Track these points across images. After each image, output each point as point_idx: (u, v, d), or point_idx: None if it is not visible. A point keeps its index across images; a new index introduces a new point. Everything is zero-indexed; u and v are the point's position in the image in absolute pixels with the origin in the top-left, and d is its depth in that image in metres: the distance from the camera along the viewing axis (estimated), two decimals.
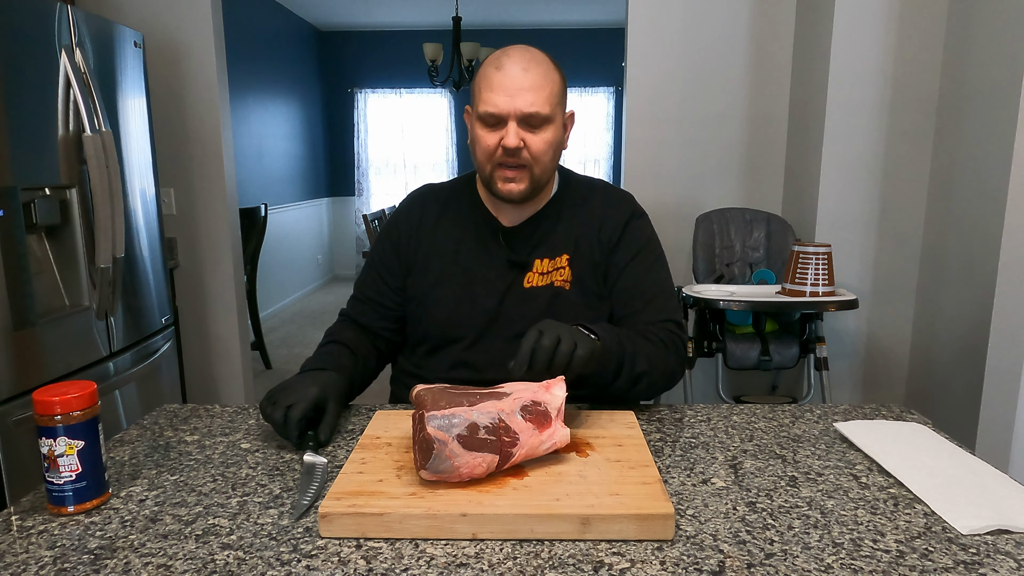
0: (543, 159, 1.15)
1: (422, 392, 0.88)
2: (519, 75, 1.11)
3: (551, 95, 1.13)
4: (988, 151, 2.18)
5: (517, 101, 1.10)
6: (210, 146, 2.88)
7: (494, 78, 1.12)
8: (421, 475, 0.81)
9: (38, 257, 1.92)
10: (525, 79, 1.10)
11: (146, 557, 0.73)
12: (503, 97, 1.10)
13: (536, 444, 0.85)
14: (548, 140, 1.14)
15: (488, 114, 1.12)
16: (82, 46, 2.01)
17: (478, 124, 1.15)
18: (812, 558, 0.72)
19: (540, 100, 1.11)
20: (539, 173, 1.16)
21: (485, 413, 0.83)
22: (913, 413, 1.14)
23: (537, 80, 1.11)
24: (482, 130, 1.15)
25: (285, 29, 6.13)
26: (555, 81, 1.14)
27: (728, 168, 2.93)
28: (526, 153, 1.13)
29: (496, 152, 1.14)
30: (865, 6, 2.48)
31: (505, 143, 1.11)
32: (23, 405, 1.76)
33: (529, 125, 1.12)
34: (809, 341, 2.47)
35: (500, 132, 1.13)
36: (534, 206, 1.25)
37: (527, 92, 1.10)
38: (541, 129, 1.13)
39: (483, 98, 1.13)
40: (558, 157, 1.20)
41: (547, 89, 1.12)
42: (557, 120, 1.15)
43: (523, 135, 1.12)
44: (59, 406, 0.80)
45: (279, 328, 5.27)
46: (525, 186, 1.16)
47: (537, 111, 1.11)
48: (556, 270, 1.22)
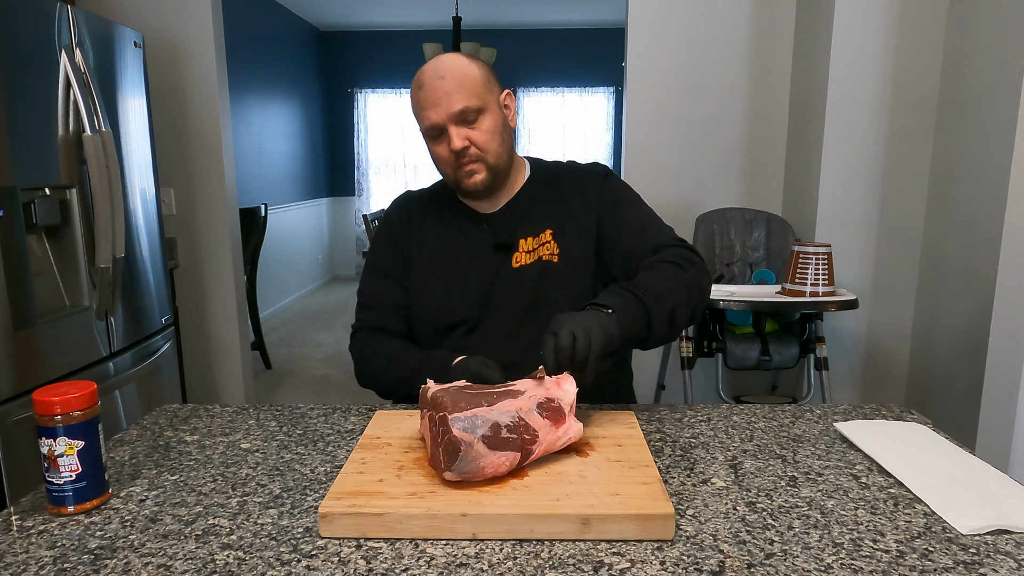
0: (491, 146, 1.20)
1: (438, 393, 0.88)
2: (437, 84, 1.17)
3: (474, 87, 1.18)
4: (988, 151, 2.18)
5: (443, 107, 1.16)
6: (210, 146, 2.88)
7: (419, 96, 1.19)
8: (445, 476, 0.81)
9: (38, 257, 1.92)
10: (443, 85, 1.16)
11: (146, 557, 0.73)
12: (431, 109, 1.17)
13: (553, 440, 0.88)
14: (489, 128, 1.20)
15: (428, 128, 1.19)
16: (82, 46, 2.01)
17: (428, 142, 1.23)
18: (812, 558, 0.72)
19: (464, 95, 1.16)
20: (494, 160, 1.21)
21: (505, 412, 0.85)
22: (913, 413, 1.14)
23: (455, 81, 1.17)
24: (433, 145, 1.22)
25: (285, 29, 6.13)
26: (474, 74, 1.19)
27: (728, 168, 2.93)
28: (473, 149, 1.19)
29: (450, 158, 1.20)
30: (865, 6, 2.48)
31: (452, 147, 1.18)
32: (23, 405, 1.75)
33: (466, 122, 1.18)
34: (809, 341, 2.47)
35: (445, 139, 1.19)
36: (508, 192, 1.30)
37: (449, 95, 1.16)
38: (478, 121, 1.19)
39: (419, 117, 1.20)
40: (508, 138, 1.25)
41: (467, 83, 1.17)
42: (491, 107, 1.20)
43: (465, 133, 1.18)
44: (59, 406, 0.80)
45: (279, 328, 5.27)
46: (485, 175, 1.21)
47: (465, 106, 1.16)
48: (541, 245, 1.26)
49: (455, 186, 1.25)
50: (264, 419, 1.14)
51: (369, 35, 7.09)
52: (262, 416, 1.15)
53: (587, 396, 1.20)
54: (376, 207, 7.32)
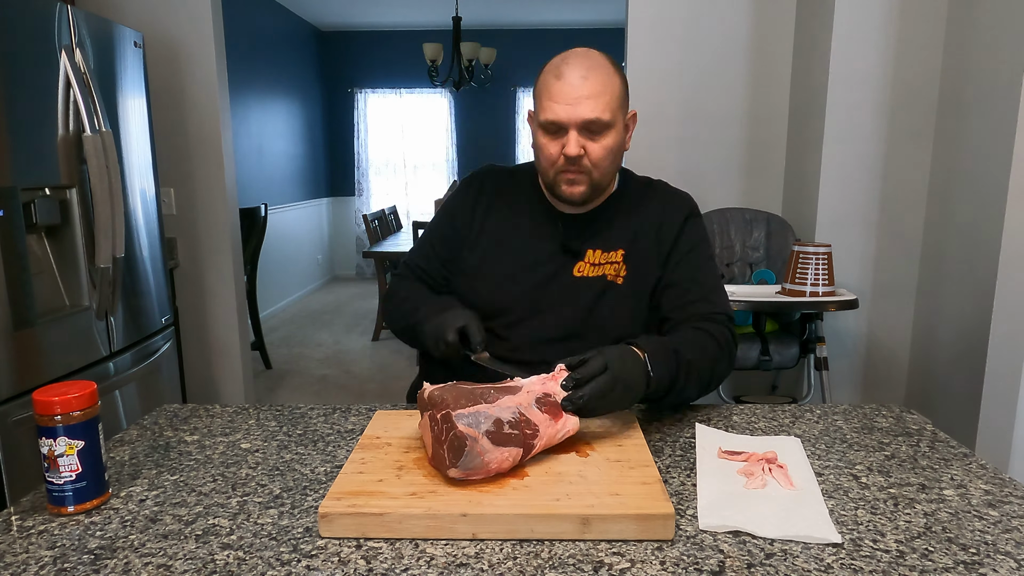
0: (603, 164, 1.16)
1: (437, 392, 0.89)
2: (578, 83, 1.10)
3: (611, 100, 1.12)
4: (988, 151, 2.18)
5: (577, 110, 1.10)
6: (210, 146, 2.88)
7: (554, 87, 1.12)
8: (450, 474, 0.82)
9: (38, 257, 1.92)
10: (584, 87, 1.10)
11: (146, 557, 0.73)
12: (563, 106, 1.11)
13: (553, 434, 0.89)
14: (608, 146, 1.15)
15: (549, 122, 1.13)
16: (82, 46, 2.00)
17: (540, 132, 1.16)
18: (812, 558, 0.72)
19: (600, 107, 1.11)
20: (599, 177, 1.17)
21: (506, 408, 0.86)
22: (913, 413, 1.14)
23: (596, 87, 1.11)
24: (544, 138, 1.16)
25: (285, 29, 6.12)
26: (616, 85, 1.14)
27: (728, 168, 2.93)
28: (587, 160, 1.14)
29: (558, 159, 1.15)
30: (865, 6, 2.48)
31: (566, 152, 1.12)
32: (23, 405, 1.75)
33: (590, 132, 1.13)
34: (809, 341, 2.47)
35: (561, 140, 1.14)
36: (594, 203, 1.26)
37: (587, 100, 1.10)
38: (602, 135, 1.13)
39: (543, 106, 1.13)
40: (619, 161, 1.22)
41: (607, 95, 1.12)
42: (618, 124, 1.15)
43: (584, 142, 1.13)
44: (59, 406, 0.80)
45: (279, 328, 5.27)
46: (585, 188, 1.17)
47: (598, 117, 1.11)
48: (609, 263, 1.23)
49: (549, 185, 1.21)
50: (264, 419, 1.14)
51: (369, 35, 7.09)
52: (262, 416, 1.15)
53: None
54: (376, 207, 7.32)
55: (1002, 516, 0.80)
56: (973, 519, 0.80)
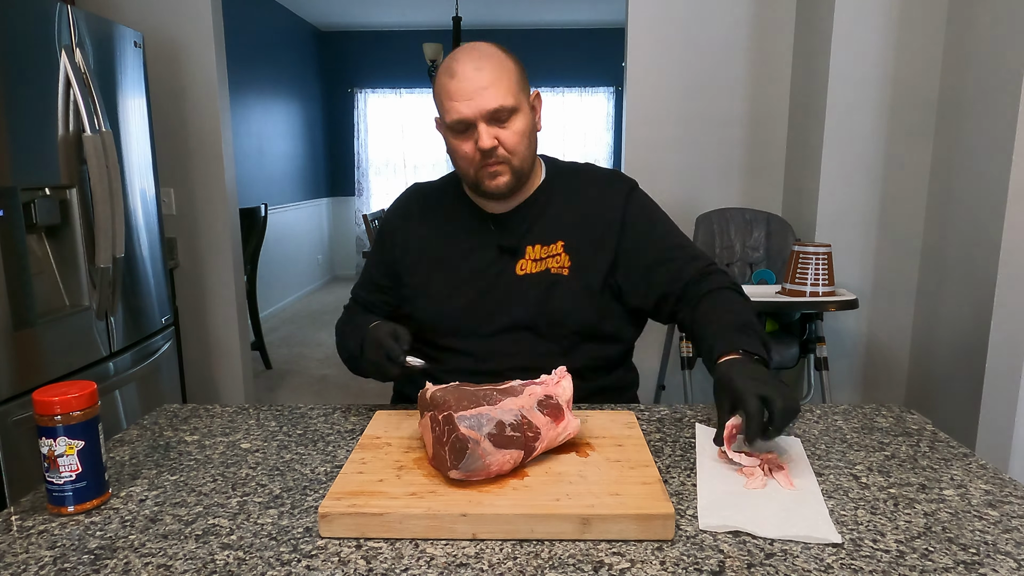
0: (519, 149, 1.14)
1: (439, 393, 0.89)
2: (473, 76, 1.09)
3: (510, 85, 1.11)
4: (988, 151, 2.18)
5: (478, 102, 1.09)
6: (210, 146, 2.88)
7: (451, 86, 1.11)
8: (451, 475, 0.81)
9: (38, 257, 1.92)
10: (480, 78, 1.09)
11: (146, 557, 0.73)
12: (464, 103, 1.09)
13: (554, 436, 0.89)
14: (520, 130, 1.14)
15: (456, 122, 1.11)
16: (82, 46, 2.00)
17: (450, 135, 1.15)
18: (812, 558, 0.72)
19: (501, 93, 1.10)
20: (519, 163, 1.15)
21: (508, 411, 0.85)
22: (913, 413, 1.14)
23: (492, 76, 1.10)
24: (455, 140, 1.14)
25: (285, 29, 6.12)
26: (511, 69, 1.13)
27: (728, 168, 2.93)
28: (502, 150, 1.13)
29: (475, 156, 1.13)
30: (865, 6, 2.48)
31: (480, 145, 1.11)
32: (23, 405, 1.75)
33: (497, 120, 1.11)
34: (809, 341, 2.47)
35: (472, 136, 1.12)
36: (522, 195, 1.24)
37: (485, 90, 1.09)
38: (510, 121, 1.12)
39: (446, 108, 1.12)
40: (535, 143, 1.20)
41: (504, 80, 1.11)
42: (523, 107, 1.14)
43: (495, 132, 1.11)
44: (59, 406, 0.80)
45: (279, 328, 5.27)
46: (509, 178, 1.15)
47: (501, 105, 1.10)
48: (551, 257, 1.21)
49: (474, 186, 1.19)
50: (264, 419, 1.14)
51: (369, 35, 7.09)
52: (262, 416, 1.15)
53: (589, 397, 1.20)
54: (376, 207, 7.32)
55: (1002, 516, 0.80)
56: (973, 519, 0.80)
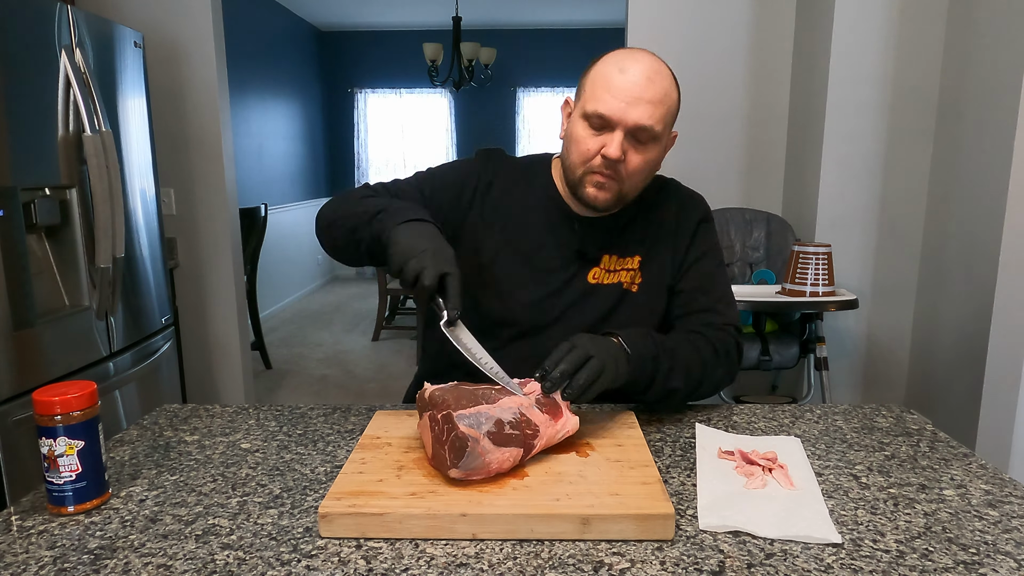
0: (637, 177, 1.09)
1: (438, 392, 0.89)
2: (642, 84, 1.03)
3: (667, 112, 1.06)
4: (988, 151, 2.18)
5: (632, 111, 1.02)
6: (210, 146, 2.88)
7: (615, 79, 1.03)
8: (450, 474, 0.81)
9: (38, 257, 1.92)
10: (647, 90, 1.03)
11: (146, 557, 0.73)
12: (619, 102, 1.02)
13: (553, 434, 0.89)
14: (649, 159, 1.08)
15: (598, 115, 1.04)
16: (82, 46, 2.00)
17: (581, 122, 1.07)
18: (812, 558, 0.72)
19: (656, 115, 1.04)
20: (628, 189, 1.10)
21: (507, 409, 0.86)
22: (913, 413, 1.14)
23: (659, 93, 1.04)
24: (584, 130, 1.07)
25: (285, 29, 6.12)
26: (674, 99, 1.08)
27: (728, 168, 2.93)
28: (623, 167, 1.06)
29: (594, 158, 1.06)
30: (865, 6, 2.48)
31: (606, 152, 1.04)
32: (23, 405, 1.75)
33: (636, 139, 1.05)
34: (809, 341, 2.47)
35: (603, 138, 1.05)
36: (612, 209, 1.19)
37: (646, 104, 1.03)
38: (646, 146, 1.06)
39: (597, 96, 1.04)
40: (651, 178, 1.15)
41: (665, 105, 1.05)
42: (663, 140, 1.09)
43: (626, 147, 1.05)
44: (59, 406, 0.80)
45: (279, 328, 5.27)
46: (611, 196, 1.09)
47: (651, 126, 1.04)
48: (625, 270, 1.17)
49: (573, 185, 1.12)
50: (264, 419, 1.14)
51: (369, 35, 7.09)
52: (262, 416, 1.15)
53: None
54: None
55: (1002, 516, 0.80)
56: (973, 519, 0.80)
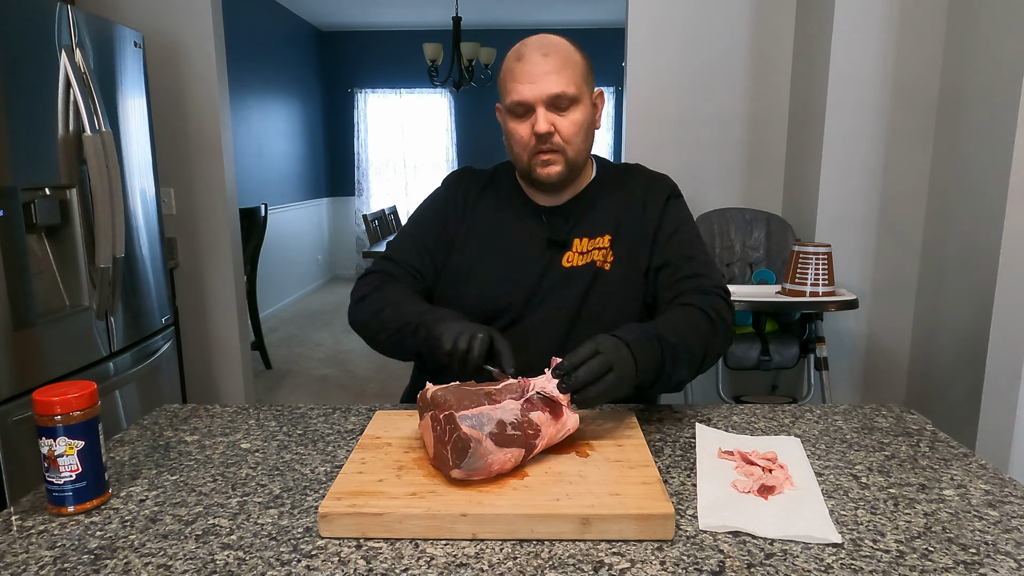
0: (575, 140, 1.16)
1: (440, 393, 0.89)
2: (539, 61, 1.12)
3: (574, 74, 1.14)
4: (988, 151, 2.18)
5: (541, 86, 1.11)
6: (210, 146, 2.88)
7: (516, 68, 1.13)
8: (452, 475, 0.82)
9: (38, 257, 1.92)
10: (546, 63, 1.12)
11: (146, 557, 0.73)
12: (527, 85, 1.12)
13: (554, 433, 0.89)
14: (578, 121, 1.15)
15: (516, 103, 1.14)
16: (82, 46, 2.00)
17: (509, 117, 1.17)
18: (812, 558, 0.72)
19: (563, 81, 1.12)
20: (573, 155, 1.17)
21: (509, 410, 0.86)
22: (913, 413, 1.14)
23: (558, 62, 1.12)
24: (513, 122, 1.16)
25: (285, 29, 6.12)
26: (578, 61, 1.15)
27: (728, 168, 2.93)
28: (557, 137, 1.14)
29: (530, 141, 1.15)
30: (865, 6, 2.48)
31: (536, 129, 1.13)
32: (23, 405, 1.75)
33: (557, 108, 1.13)
34: (809, 341, 2.47)
35: (530, 120, 1.14)
36: (573, 189, 1.25)
37: (550, 75, 1.11)
38: (569, 111, 1.14)
39: (509, 89, 1.15)
40: (591, 138, 1.21)
41: (569, 69, 1.13)
42: (585, 100, 1.16)
43: (552, 119, 1.13)
44: (59, 406, 0.80)
45: (279, 328, 5.27)
46: (561, 168, 1.17)
47: (563, 91, 1.12)
48: (597, 249, 1.22)
49: (525, 173, 1.20)
50: (264, 419, 1.14)
51: (369, 35, 7.09)
52: (262, 416, 1.15)
53: None
54: (376, 207, 7.32)
55: (1002, 516, 0.80)
56: (973, 519, 0.80)
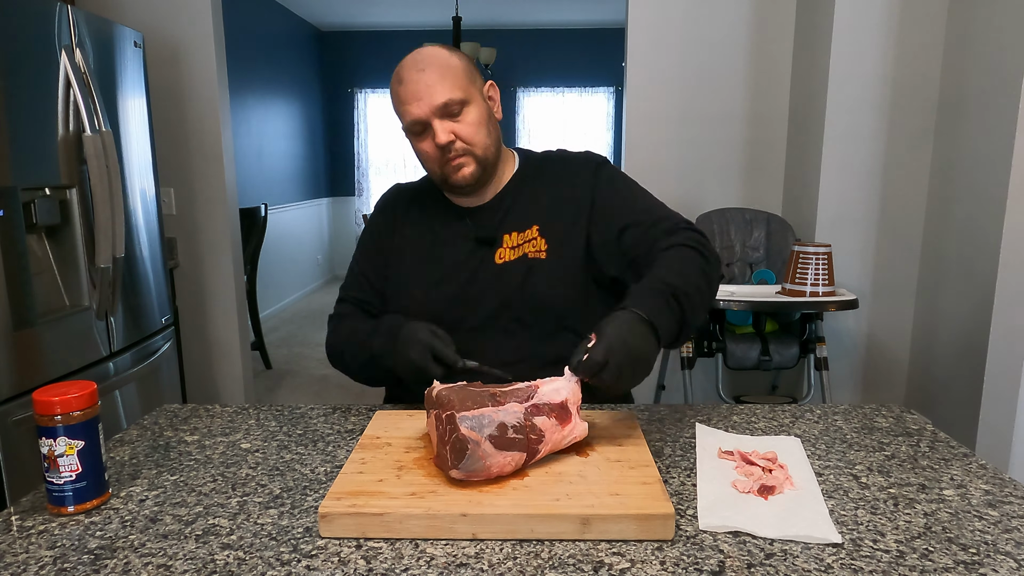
0: (478, 138, 1.17)
1: (444, 392, 0.88)
2: (418, 77, 1.14)
3: (456, 79, 1.15)
4: (988, 151, 2.18)
5: (427, 100, 1.13)
6: (210, 146, 2.88)
7: (400, 91, 1.16)
8: (451, 475, 0.82)
9: (38, 257, 1.91)
10: (424, 78, 1.14)
11: (146, 557, 0.73)
12: (414, 103, 1.14)
13: (559, 439, 0.88)
14: (474, 121, 1.17)
15: (411, 123, 1.16)
16: (82, 46, 2.00)
17: (412, 138, 1.20)
18: (812, 558, 0.72)
19: (447, 88, 1.14)
20: (482, 152, 1.18)
21: (512, 413, 0.85)
22: (913, 413, 1.14)
23: (436, 73, 1.14)
24: (417, 141, 1.19)
25: (285, 29, 6.12)
26: (455, 65, 1.16)
27: (728, 168, 2.93)
28: (459, 142, 1.16)
29: (435, 153, 1.17)
30: (865, 6, 2.48)
31: (437, 141, 1.15)
32: (23, 405, 1.75)
33: (450, 115, 1.15)
34: (809, 341, 2.47)
35: (430, 135, 1.16)
36: (495, 186, 1.26)
37: (432, 87, 1.13)
38: (463, 114, 1.16)
39: (401, 112, 1.17)
40: (495, 131, 1.22)
41: (449, 75, 1.15)
42: (475, 99, 1.17)
43: (449, 127, 1.15)
44: (59, 406, 0.80)
45: (279, 328, 5.27)
46: (474, 167, 1.18)
47: (448, 98, 1.13)
48: (527, 242, 1.22)
49: (442, 183, 1.22)
50: (264, 419, 1.14)
51: (369, 35, 7.09)
52: (262, 416, 1.15)
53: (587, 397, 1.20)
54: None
55: (1002, 516, 0.80)
56: (973, 519, 0.80)
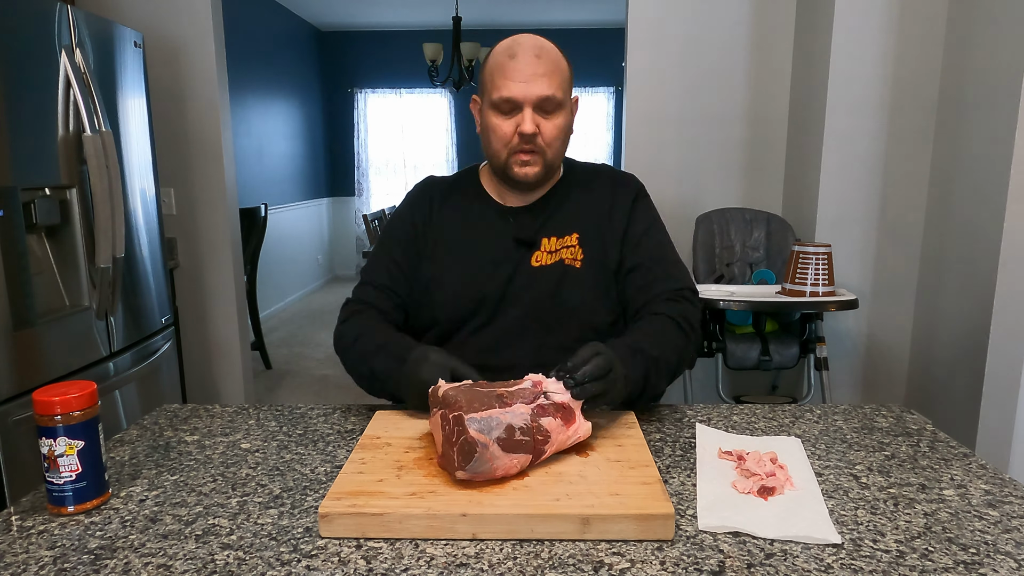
0: (556, 144, 1.18)
1: (451, 392, 0.88)
2: (532, 62, 1.13)
3: (563, 80, 1.16)
4: (988, 151, 2.18)
5: (532, 87, 1.13)
6: (210, 146, 2.88)
7: (508, 66, 1.14)
8: (457, 476, 0.81)
9: (38, 257, 1.91)
10: (539, 65, 1.13)
11: (146, 557, 0.73)
12: (518, 84, 1.13)
13: (564, 440, 0.88)
14: (560, 125, 1.17)
15: (504, 100, 1.14)
16: (82, 46, 2.00)
17: (492, 112, 1.17)
18: (812, 558, 0.72)
19: (554, 84, 1.14)
20: (551, 157, 1.19)
21: (519, 415, 0.85)
22: (913, 413, 1.14)
23: (550, 66, 1.14)
24: (497, 118, 1.16)
25: (285, 29, 6.12)
26: (565, 67, 1.18)
27: (728, 168, 2.93)
28: (540, 139, 1.16)
29: (512, 139, 1.16)
30: (865, 6, 2.48)
31: (522, 129, 1.14)
32: (23, 405, 1.75)
33: (543, 111, 1.15)
34: (809, 341, 2.47)
35: (516, 118, 1.15)
36: (541, 189, 1.27)
37: (541, 78, 1.13)
38: (554, 114, 1.16)
39: (498, 85, 1.14)
40: (568, 142, 1.23)
41: (559, 74, 1.15)
42: (567, 106, 1.19)
43: (538, 120, 1.15)
44: (59, 406, 0.80)
45: (279, 328, 5.27)
46: (539, 169, 1.18)
47: (552, 95, 1.13)
48: (565, 248, 1.23)
49: (502, 170, 1.20)
50: (264, 419, 1.14)
51: (369, 35, 7.09)
52: (262, 416, 1.15)
53: None
54: (376, 207, 7.32)
55: (1002, 516, 0.80)
56: (973, 519, 0.80)
